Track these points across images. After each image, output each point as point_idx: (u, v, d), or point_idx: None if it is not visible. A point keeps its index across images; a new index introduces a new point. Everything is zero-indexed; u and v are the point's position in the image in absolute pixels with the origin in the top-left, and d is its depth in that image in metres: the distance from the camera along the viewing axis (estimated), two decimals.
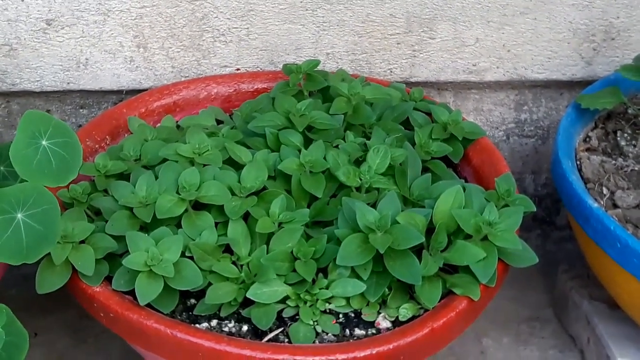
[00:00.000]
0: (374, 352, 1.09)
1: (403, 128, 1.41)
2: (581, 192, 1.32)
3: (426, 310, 1.16)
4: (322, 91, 1.44)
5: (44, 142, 1.09)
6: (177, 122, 1.47)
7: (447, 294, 1.18)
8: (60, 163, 1.09)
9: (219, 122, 1.47)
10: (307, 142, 1.33)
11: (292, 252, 1.18)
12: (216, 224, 1.21)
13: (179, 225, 1.20)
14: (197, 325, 1.15)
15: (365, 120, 1.37)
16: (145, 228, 1.20)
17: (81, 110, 1.64)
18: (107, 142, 1.42)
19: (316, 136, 1.33)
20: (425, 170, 1.34)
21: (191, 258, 1.16)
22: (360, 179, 1.24)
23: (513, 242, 1.18)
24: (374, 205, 1.21)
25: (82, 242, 1.17)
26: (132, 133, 1.42)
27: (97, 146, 1.41)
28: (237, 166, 1.27)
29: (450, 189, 1.21)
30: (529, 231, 1.82)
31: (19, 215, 1.04)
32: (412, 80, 1.62)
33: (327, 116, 1.34)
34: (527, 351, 1.59)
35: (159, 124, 1.47)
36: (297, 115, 1.33)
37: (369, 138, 1.36)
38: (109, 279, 1.17)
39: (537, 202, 1.80)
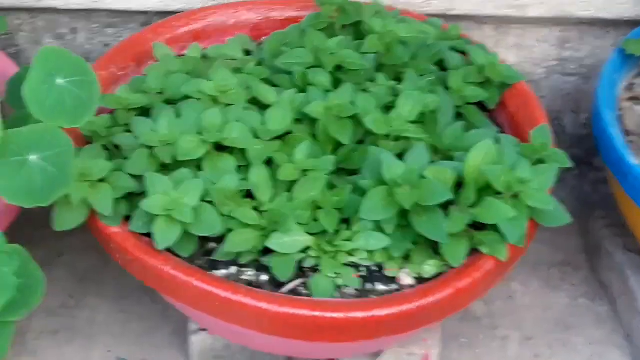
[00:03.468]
0: (395, 311, 1.06)
1: (438, 69, 1.35)
2: (620, 147, 1.26)
3: (451, 268, 1.12)
4: (354, 25, 1.38)
5: (59, 81, 1.05)
6: (203, 50, 1.41)
7: (474, 250, 1.13)
8: (76, 103, 1.05)
9: (246, 52, 1.41)
10: (336, 82, 1.28)
11: (315, 201, 1.14)
12: (238, 167, 1.16)
13: (199, 167, 1.16)
14: (216, 271, 1.12)
15: (398, 60, 1.31)
16: (165, 167, 1.16)
17: (108, 30, 1.59)
18: (132, 69, 1.38)
19: (345, 77, 1.27)
20: (458, 116, 1.29)
21: (210, 202, 1.12)
22: (390, 127, 1.19)
23: (545, 202, 1.13)
24: (401, 155, 1.17)
25: (101, 180, 1.13)
26: (157, 60, 1.37)
27: (120, 73, 1.36)
28: (262, 106, 1.22)
29: (482, 143, 1.15)
30: (567, 171, 1.76)
31: (32, 158, 1.01)
32: (452, 13, 1.55)
33: (357, 56, 1.28)
34: (557, 297, 1.55)
35: (185, 51, 1.42)
36: (327, 53, 1.27)
37: (401, 80, 1.30)
38: (128, 219, 1.14)
39: (576, 142, 1.75)
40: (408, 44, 1.34)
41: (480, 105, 1.34)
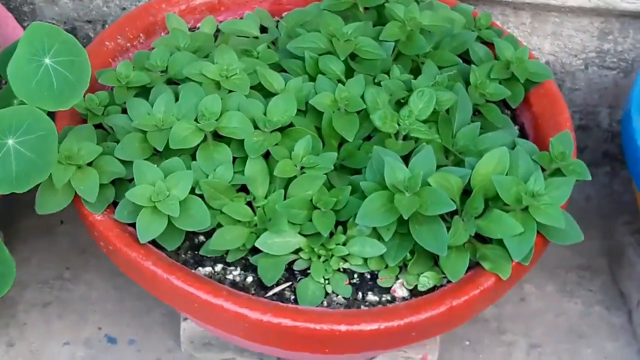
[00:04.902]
0: (382, 326, 1.00)
1: (461, 61, 1.28)
2: None
3: (449, 281, 1.06)
4: (377, 9, 1.30)
5: (47, 60, 0.99)
6: (218, 24, 1.35)
7: (475, 264, 1.07)
8: (63, 85, 1.00)
9: (263, 29, 1.35)
10: (350, 71, 1.21)
11: (311, 200, 1.08)
12: (234, 158, 1.11)
13: (195, 156, 1.10)
14: (201, 269, 1.07)
15: (419, 51, 1.24)
16: (159, 154, 1.11)
17: None
18: (141, 41, 1.32)
19: (359, 66, 1.20)
20: (477, 113, 1.22)
21: (201, 195, 1.07)
22: (399, 124, 1.12)
23: (556, 219, 1.06)
24: (409, 157, 1.10)
25: (89, 164, 1.08)
26: (168, 32, 1.31)
27: (129, 44, 1.31)
28: (267, 94, 1.16)
29: (495, 150, 1.08)
30: (597, 167, 1.68)
31: (10, 142, 0.96)
32: None
33: (374, 44, 1.21)
34: (571, 304, 1.48)
35: (200, 24, 1.36)
36: (342, 40, 1.20)
37: (420, 71, 1.23)
38: (116, 205, 1.09)
39: (610, 138, 1.66)
40: (431, 33, 1.26)
41: (503, 101, 1.26)
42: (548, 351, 1.40)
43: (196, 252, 1.09)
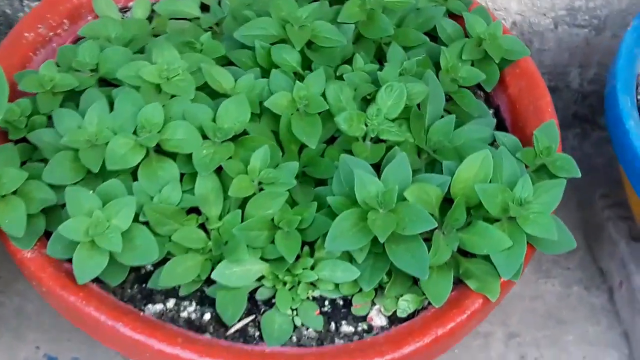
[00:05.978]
0: None
1: (428, 39, 1.14)
2: (639, 145, 1.07)
3: (430, 303, 0.94)
4: None
5: None
6: (153, 3, 1.19)
7: (458, 280, 0.96)
8: None
9: (204, 6, 1.19)
10: (306, 60, 1.07)
11: (273, 219, 0.95)
12: (182, 174, 0.97)
13: (136, 173, 0.96)
14: (150, 306, 0.94)
15: (381, 33, 1.10)
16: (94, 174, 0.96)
17: None
18: (66, 28, 1.16)
19: (317, 55, 1.06)
20: (448, 100, 1.09)
21: (146, 223, 0.93)
22: (366, 125, 0.99)
23: (547, 230, 0.95)
24: (379, 164, 0.97)
25: (14, 192, 0.93)
26: (97, 17, 1.16)
27: (52, 34, 1.15)
28: (214, 93, 1.02)
29: (476, 154, 0.96)
30: (567, 129, 1.58)
31: None
32: None
33: (333, 29, 1.07)
34: (548, 285, 1.38)
35: (131, 3, 1.20)
36: (296, 26, 1.06)
37: (384, 56, 1.10)
38: (49, 235, 0.95)
39: (580, 99, 1.55)
40: (393, 11, 1.12)
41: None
42: (527, 340, 1.31)
43: (144, 286, 0.95)
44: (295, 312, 0.94)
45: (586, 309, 1.36)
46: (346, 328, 0.94)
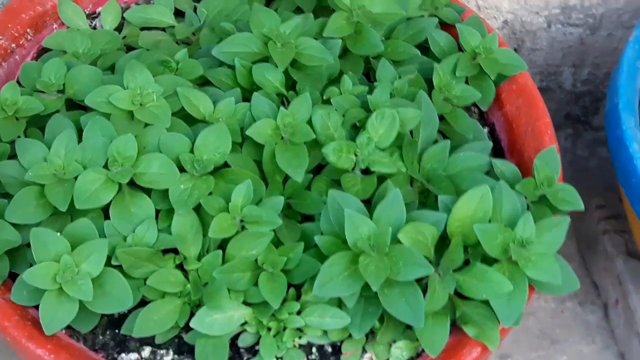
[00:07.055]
0: None
1: (419, 53, 1.07)
2: None
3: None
4: None
5: None
6: (124, 10, 1.11)
7: (453, 323, 0.89)
8: None
9: (178, 12, 1.11)
10: (290, 79, 0.99)
11: (256, 261, 0.88)
12: (157, 211, 0.89)
13: (107, 210, 0.88)
14: (124, 355, 0.87)
15: (370, 50, 1.03)
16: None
17: None
18: (29, 38, 1.08)
19: (302, 75, 0.99)
20: (441, 119, 1.02)
21: (119, 267, 0.86)
22: (356, 155, 0.92)
23: (551, 273, 0.88)
24: (370, 199, 0.91)
25: None
26: (63, 24, 1.07)
27: (14, 45, 1.07)
28: (193, 120, 0.94)
29: (475, 190, 0.89)
30: (559, 129, 1.51)
31: None
32: None
33: (318, 46, 0.99)
34: (541, 301, 1.33)
35: (100, 8, 1.12)
36: (279, 43, 0.98)
37: (373, 73, 1.02)
38: (14, 277, 0.87)
39: (574, 99, 1.49)
40: (382, 23, 1.05)
41: None
42: None
43: (117, 331, 0.88)
44: None
45: (581, 327, 1.31)
46: None
